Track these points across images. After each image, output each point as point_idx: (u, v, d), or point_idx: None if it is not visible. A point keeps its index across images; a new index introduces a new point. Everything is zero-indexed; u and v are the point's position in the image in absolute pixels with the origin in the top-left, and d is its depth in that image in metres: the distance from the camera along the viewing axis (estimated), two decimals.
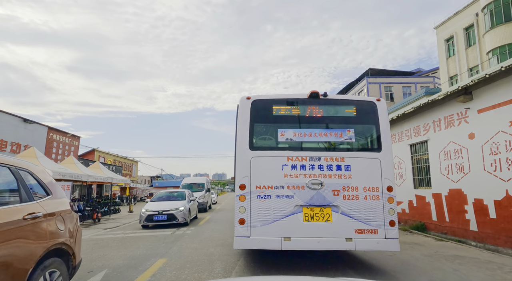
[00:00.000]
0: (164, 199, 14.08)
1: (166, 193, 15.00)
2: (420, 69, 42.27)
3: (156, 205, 12.86)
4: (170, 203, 12.96)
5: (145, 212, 12.31)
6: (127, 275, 5.40)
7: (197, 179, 24.01)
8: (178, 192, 14.92)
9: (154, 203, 13.24)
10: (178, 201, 13.26)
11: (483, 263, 6.00)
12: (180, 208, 12.44)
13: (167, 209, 12.25)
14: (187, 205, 13.01)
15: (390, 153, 5.46)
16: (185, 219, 12.36)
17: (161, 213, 12.11)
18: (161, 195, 14.66)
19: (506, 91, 6.97)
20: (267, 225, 5.12)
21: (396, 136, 11.53)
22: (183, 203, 13.00)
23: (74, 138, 26.28)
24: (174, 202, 13.18)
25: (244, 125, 5.56)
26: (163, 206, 12.59)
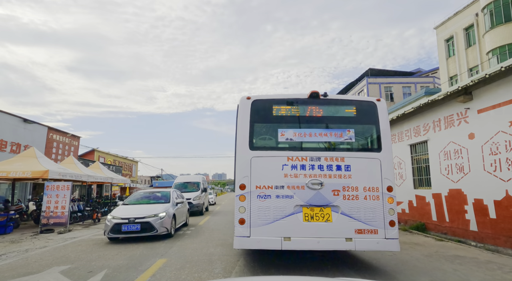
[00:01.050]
0: (142, 201, 10.72)
1: (146, 193, 11.49)
2: (420, 69, 42.28)
3: (128, 210, 9.60)
4: (148, 207, 9.75)
5: (111, 220, 8.97)
6: (127, 275, 5.40)
7: (192, 178, 20.78)
8: (161, 192, 11.45)
9: (126, 207, 9.93)
10: (159, 205, 10.03)
11: (483, 263, 6.00)
12: (160, 214, 9.21)
13: (141, 216, 8.98)
14: (171, 210, 9.90)
15: (390, 153, 5.46)
16: (167, 229, 9.23)
17: (133, 222, 8.83)
18: (138, 196, 11.20)
19: (506, 91, 6.97)
20: (267, 225, 5.12)
21: (396, 136, 11.53)
22: (165, 207, 9.79)
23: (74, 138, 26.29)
24: (154, 205, 9.99)
25: (244, 125, 5.56)
26: (137, 211, 9.38)
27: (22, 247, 8.61)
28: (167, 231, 9.26)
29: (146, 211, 9.35)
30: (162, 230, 9.09)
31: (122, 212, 9.33)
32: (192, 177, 21.14)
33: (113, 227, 8.84)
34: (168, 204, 10.20)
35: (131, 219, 8.91)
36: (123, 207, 10.11)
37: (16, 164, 12.32)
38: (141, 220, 8.91)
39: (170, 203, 10.31)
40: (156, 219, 9.04)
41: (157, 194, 11.29)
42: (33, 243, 9.36)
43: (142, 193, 11.52)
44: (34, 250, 8.17)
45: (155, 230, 8.91)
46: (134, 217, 8.97)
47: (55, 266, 6.24)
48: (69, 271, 5.78)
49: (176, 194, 11.57)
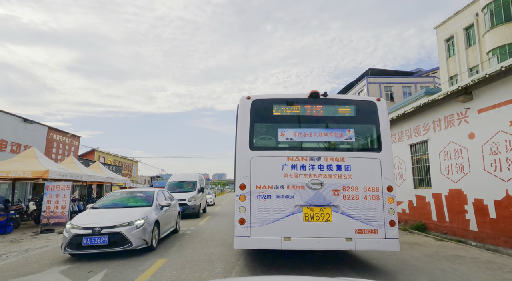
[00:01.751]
0: (117, 204, 8.37)
1: (123, 194, 9.21)
2: (420, 69, 42.28)
3: (96, 215, 7.46)
4: (123, 212, 7.54)
5: (70, 231, 6.77)
6: (127, 275, 5.40)
7: (187, 177, 18.48)
8: (144, 192, 9.26)
9: (95, 213, 7.71)
10: (138, 209, 7.79)
11: (483, 263, 6.00)
12: (137, 221, 7.07)
13: (110, 224, 6.83)
14: (154, 215, 7.78)
15: (390, 153, 5.46)
16: (145, 241, 7.08)
17: (99, 232, 6.65)
18: (114, 198, 8.87)
19: (506, 91, 6.97)
20: (267, 225, 5.12)
21: (396, 136, 11.53)
22: (145, 212, 7.61)
23: (74, 138, 26.29)
24: (131, 210, 7.74)
25: (244, 125, 5.56)
26: (106, 217, 7.24)
27: (22, 247, 8.61)
28: (145, 244, 7.08)
29: (118, 217, 7.19)
30: (139, 242, 6.92)
31: (86, 219, 7.18)
32: (187, 175, 18.74)
33: (72, 240, 6.62)
34: (150, 207, 8.03)
35: (96, 229, 6.67)
36: (92, 212, 7.79)
37: (16, 164, 12.32)
38: (110, 230, 6.74)
39: (152, 206, 8.17)
40: (130, 229, 6.86)
41: (138, 195, 9.10)
42: (33, 243, 9.36)
43: (119, 194, 9.21)
44: (34, 250, 8.17)
45: (129, 243, 6.74)
46: (101, 226, 6.77)
47: (55, 266, 6.25)
48: (69, 271, 5.79)
49: (163, 195, 9.64)
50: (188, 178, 18.21)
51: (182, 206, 14.47)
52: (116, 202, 8.55)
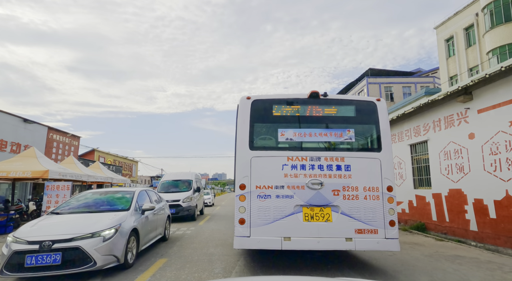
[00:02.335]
0: (82, 208, 6.66)
1: (95, 195, 7.33)
2: (420, 69, 42.29)
3: (49, 225, 5.73)
4: (88, 219, 5.90)
5: (10, 245, 5.13)
6: (127, 275, 5.39)
7: (182, 175, 16.94)
8: (122, 192, 7.52)
9: (49, 220, 5.99)
10: (109, 215, 6.12)
11: (483, 263, 6.00)
12: (104, 231, 5.43)
13: (66, 237, 5.15)
14: (130, 222, 6.14)
15: (390, 153, 5.46)
16: (116, 258, 5.41)
17: (48, 248, 4.98)
18: (82, 200, 7.10)
19: (506, 91, 6.97)
20: (267, 225, 5.12)
21: (396, 136, 11.53)
22: (117, 218, 5.91)
23: (74, 138, 26.29)
24: (100, 216, 6.09)
25: (244, 125, 5.56)
26: (64, 226, 5.60)
27: None
28: (116, 261, 5.41)
29: (80, 226, 5.48)
30: (106, 260, 5.24)
31: (35, 230, 5.44)
32: (182, 174, 17.23)
33: (11, 259, 4.96)
34: (126, 212, 6.33)
35: (46, 244, 4.97)
36: (47, 219, 6.08)
37: (16, 164, 12.32)
38: (65, 245, 5.03)
39: (130, 210, 6.48)
40: (94, 242, 5.18)
41: (113, 196, 7.27)
42: None
43: (90, 195, 7.34)
44: None
45: (91, 262, 5.06)
46: (52, 239, 5.05)
47: None
48: None
49: (147, 196, 7.97)
50: (183, 177, 16.65)
51: (175, 208, 13.40)
52: (84, 206, 6.75)
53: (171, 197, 13.94)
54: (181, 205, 13.89)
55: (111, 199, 7.15)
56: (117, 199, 7.16)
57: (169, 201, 12.79)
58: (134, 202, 6.98)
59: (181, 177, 16.70)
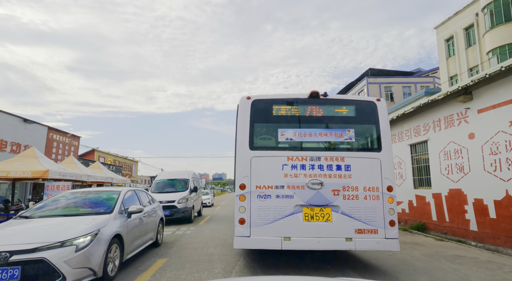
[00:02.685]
0: (57, 211, 5.80)
1: (75, 195, 6.43)
2: (420, 69, 42.30)
3: (12, 231, 4.85)
4: (56, 226, 4.95)
5: None
6: (127, 275, 5.39)
7: (177, 174, 15.73)
8: (104, 192, 6.64)
9: (14, 226, 5.10)
10: (85, 219, 5.19)
11: (483, 263, 6.00)
12: (77, 239, 4.53)
13: (29, 247, 4.21)
14: (113, 228, 5.29)
15: (390, 153, 5.46)
16: (92, 271, 4.56)
17: (5, 261, 4.05)
18: (56, 203, 6.15)
19: (506, 91, 6.97)
20: (267, 225, 5.12)
21: (396, 136, 11.53)
22: (95, 223, 5.00)
23: (74, 138, 26.30)
24: (73, 220, 5.20)
25: (244, 125, 5.56)
26: (27, 234, 4.67)
27: None
28: (92, 275, 4.55)
29: (48, 233, 4.58)
30: (80, 274, 4.36)
31: None
32: (178, 173, 15.97)
33: None
34: (108, 215, 5.42)
35: (2, 256, 4.08)
36: (12, 224, 5.18)
37: (16, 164, 12.31)
38: (26, 257, 4.13)
39: (113, 213, 5.57)
40: (63, 252, 4.28)
41: (95, 196, 6.36)
42: None
43: (69, 194, 6.44)
44: None
45: (59, 277, 4.16)
46: (10, 249, 4.15)
47: None
48: None
49: (136, 197, 7.10)
50: (179, 175, 15.44)
51: (169, 210, 12.58)
52: (59, 208, 5.84)
53: (166, 197, 13.09)
54: (176, 207, 12.87)
55: (93, 200, 6.21)
56: (100, 200, 6.20)
57: (163, 202, 12.17)
58: (119, 203, 6.05)
59: (177, 176, 15.48)
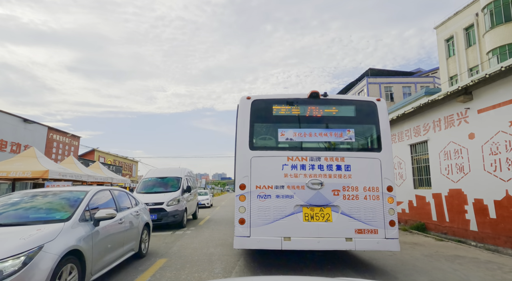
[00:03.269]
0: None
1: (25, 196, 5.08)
2: (420, 69, 42.29)
3: None
4: None
5: None
6: (127, 275, 5.40)
7: (169, 172, 13.71)
8: (65, 192, 5.14)
9: None
10: (25, 231, 3.71)
11: (483, 263, 6.00)
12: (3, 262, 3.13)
13: None
14: (68, 240, 3.91)
15: (390, 153, 5.46)
16: None
17: None
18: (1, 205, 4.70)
19: (506, 91, 6.97)
20: (267, 225, 5.12)
21: (396, 136, 11.53)
22: (37, 236, 3.58)
23: (74, 138, 26.29)
24: (9, 232, 3.79)
25: (244, 125, 5.56)
26: None
27: None
28: None
29: None
30: None
31: None
32: (170, 170, 13.97)
33: None
34: (62, 224, 4.09)
35: None
36: None
37: (16, 164, 12.31)
38: None
39: (70, 221, 4.23)
40: None
41: (53, 198, 4.97)
42: None
43: (18, 197, 5.09)
44: None
45: None
46: None
47: None
48: None
49: (112, 199, 5.91)
50: (171, 173, 13.45)
51: (157, 213, 10.81)
52: (1, 214, 4.48)
53: (153, 199, 11.32)
54: (165, 210, 11.01)
55: (50, 203, 4.82)
56: (58, 203, 4.80)
57: (150, 204, 10.69)
58: (82, 208, 4.64)
59: (167, 173, 13.48)
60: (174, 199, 11.53)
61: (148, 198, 11.17)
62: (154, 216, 10.53)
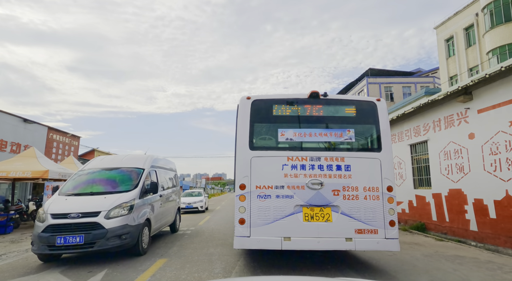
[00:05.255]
0: None
1: None
2: (420, 69, 42.29)
3: None
4: None
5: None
6: (127, 275, 5.39)
7: (124, 161, 8.48)
8: None
9: None
10: None
11: (483, 263, 6.00)
12: None
13: None
14: None
15: (390, 153, 5.46)
16: None
17: None
18: None
19: (506, 91, 6.97)
20: (267, 225, 5.12)
21: (396, 136, 11.53)
22: None
23: (74, 138, 26.29)
24: None
25: (244, 125, 5.56)
26: None
27: (22, 247, 8.60)
28: None
29: None
30: None
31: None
32: (125, 159, 8.68)
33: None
34: None
35: None
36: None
37: (16, 164, 12.32)
38: None
39: None
40: None
41: None
42: None
43: None
44: None
45: None
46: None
47: (55, 266, 6.24)
48: (69, 271, 5.78)
49: None
50: (126, 163, 8.31)
51: (86, 232, 6.08)
52: None
53: (82, 206, 6.47)
54: (101, 226, 6.18)
55: None
56: None
57: (73, 216, 6.15)
58: None
59: (120, 163, 8.33)
60: (122, 206, 6.57)
61: (73, 205, 6.47)
62: (80, 238, 5.99)
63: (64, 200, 6.75)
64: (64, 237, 5.98)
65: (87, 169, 8.26)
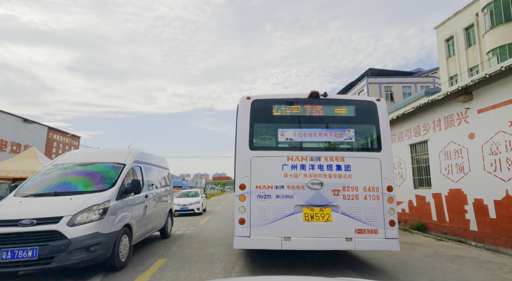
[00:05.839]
0: None
1: None
2: (420, 69, 42.30)
3: None
4: None
5: None
6: (127, 275, 5.39)
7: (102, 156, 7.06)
8: None
9: None
10: None
11: (483, 263, 6.00)
12: None
13: None
14: None
15: (390, 153, 5.46)
16: None
17: None
18: None
19: (506, 91, 6.97)
20: (267, 225, 5.12)
21: (396, 136, 11.53)
22: None
23: (74, 138, 26.30)
24: None
25: (244, 125, 5.56)
26: None
27: None
28: None
29: None
30: None
31: None
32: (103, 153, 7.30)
33: None
34: None
35: None
36: None
37: (16, 164, 12.32)
38: None
39: None
40: None
41: None
42: None
43: None
44: None
45: None
46: None
47: None
48: (68, 270, 5.77)
49: None
50: (104, 158, 6.98)
51: (42, 244, 4.66)
52: None
53: (38, 211, 5.02)
54: (63, 235, 4.79)
55: None
56: None
57: (26, 222, 4.75)
58: None
59: (98, 158, 7.01)
60: (93, 210, 5.24)
61: (27, 209, 5.14)
62: (33, 251, 4.61)
63: (18, 203, 5.37)
64: (11, 250, 4.51)
65: (55, 165, 6.86)
